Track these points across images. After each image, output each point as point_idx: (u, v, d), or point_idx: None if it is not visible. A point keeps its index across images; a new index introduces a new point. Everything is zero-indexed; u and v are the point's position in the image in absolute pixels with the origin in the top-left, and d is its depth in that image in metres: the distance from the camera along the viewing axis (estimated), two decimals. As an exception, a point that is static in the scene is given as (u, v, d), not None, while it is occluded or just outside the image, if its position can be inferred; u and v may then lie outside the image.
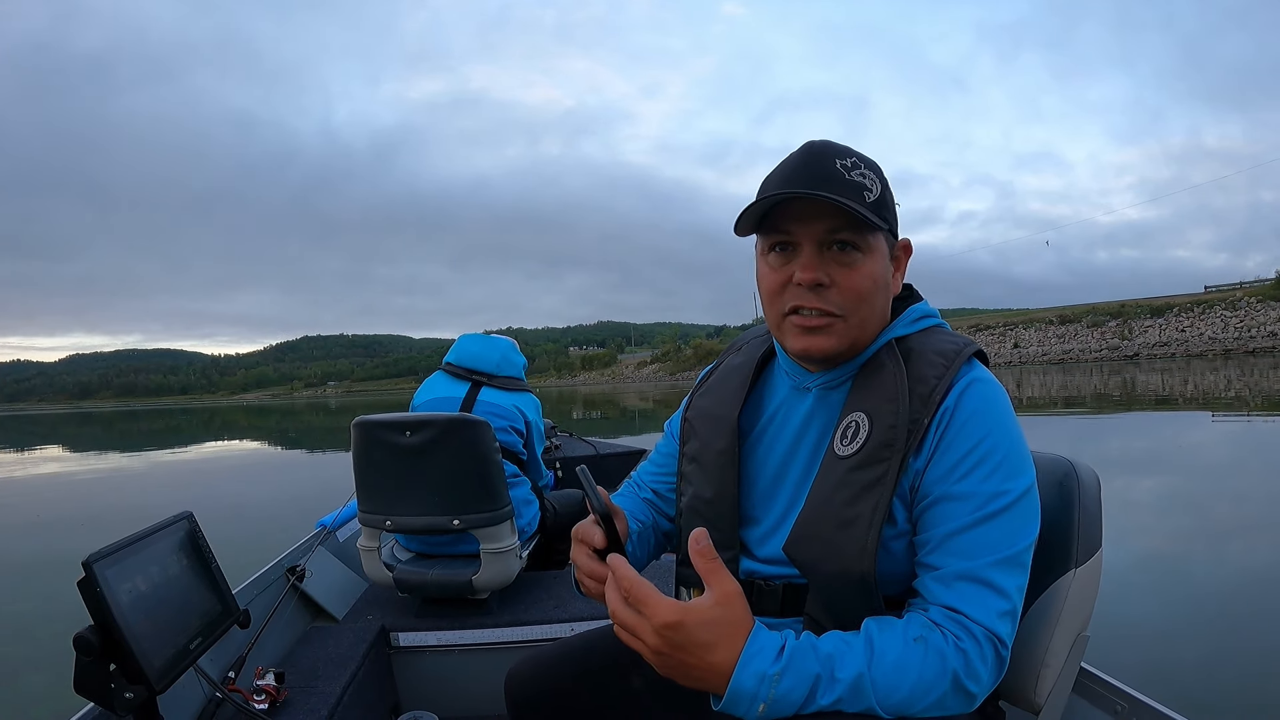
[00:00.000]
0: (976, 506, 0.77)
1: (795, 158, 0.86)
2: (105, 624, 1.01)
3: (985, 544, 0.76)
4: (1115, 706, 1.12)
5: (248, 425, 32.72)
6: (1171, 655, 2.76)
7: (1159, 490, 5.92)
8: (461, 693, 1.92)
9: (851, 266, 0.84)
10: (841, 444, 0.84)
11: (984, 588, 0.75)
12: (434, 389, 2.23)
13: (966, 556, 0.76)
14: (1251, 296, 43.68)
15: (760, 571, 0.91)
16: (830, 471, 0.84)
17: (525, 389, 2.32)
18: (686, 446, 1.03)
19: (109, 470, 13.43)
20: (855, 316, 0.85)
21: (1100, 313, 50.54)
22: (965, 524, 0.77)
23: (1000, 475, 0.78)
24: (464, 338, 2.31)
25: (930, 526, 0.79)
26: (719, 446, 0.96)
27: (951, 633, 0.74)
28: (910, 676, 0.71)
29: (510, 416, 2.17)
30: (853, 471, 0.81)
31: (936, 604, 0.76)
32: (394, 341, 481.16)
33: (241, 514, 6.79)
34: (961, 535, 0.77)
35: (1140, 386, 19.27)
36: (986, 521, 0.76)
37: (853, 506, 0.80)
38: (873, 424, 0.82)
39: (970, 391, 0.81)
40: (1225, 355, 32.55)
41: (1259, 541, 4.34)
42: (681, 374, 78.28)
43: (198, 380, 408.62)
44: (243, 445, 19.12)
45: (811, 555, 0.82)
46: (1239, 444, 8.68)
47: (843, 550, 0.79)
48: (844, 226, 0.83)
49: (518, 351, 2.34)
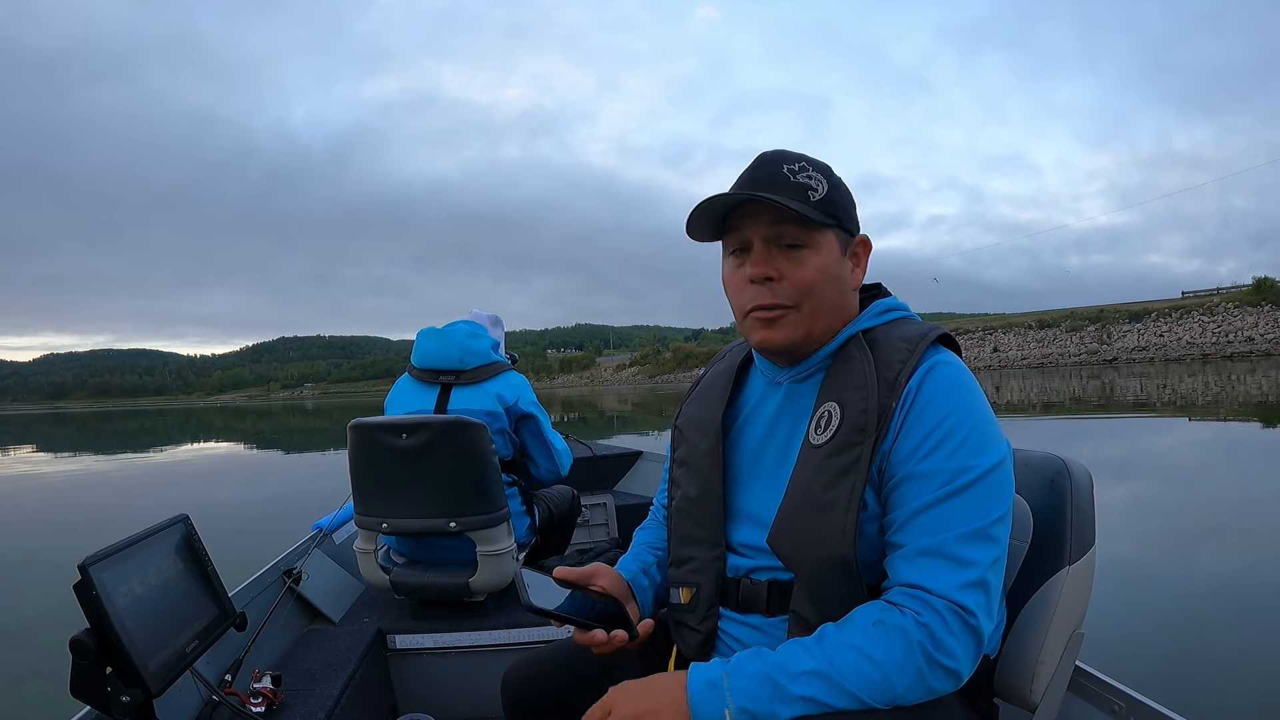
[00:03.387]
0: (941, 484, 0.78)
1: (749, 166, 0.92)
2: (102, 627, 1.00)
3: (949, 519, 0.77)
4: (1113, 705, 1.12)
5: (231, 428, 32.33)
6: (1156, 654, 2.80)
7: (1140, 492, 6.01)
8: (458, 694, 1.91)
9: (799, 261, 0.88)
10: (816, 433, 0.87)
11: (946, 561, 0.76)
12: (401, 402, 2.09)
13: (930, 533, 0.77)
14: (1229, 302, 44.43)
15: (745, 567, 0.93)
16: (807, 461, 0.87)
17: (500, 370, 2.09)
18: (677, 453, 1.06)
19: (102, 472, 13.25)
20: (806, 307, 0.89)
21: (1079, 317, 51.18)
22: (929, 501, 0.78)
23: (965, 452, 0.79)
24: (421, 334, 2.12)
25: (896, 507, 0.81)
26: (704, 447, 1.00)
27: (910, 609, 0.75)
28: (877, 658, 0.73)
29: (488, 416, 1.99)
30: (828, 458, 0.84)
31: (899, 583, 0.78)
32: (370, 343, 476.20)
33: (237, 517, 6.72)
34: (925, 513, 0.78)
35: (1119, 391, 19.53)
36: (951, 498, 0.78)
37: (830, 492, 0.82)
38: (844, 412, 0.84)
39: (933, 374, 0.84)
40: (1203, 360, 33.08)
41: (1243, 543, 4.42)
42: (661, 377, 77.93)
43: (173, 381, 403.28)
44: (234, 447, 18.95)
45: (794, 544, 0.85)
46: (1215, 447, 8.84)
47: (823, 536, 0.81)
48: (789, 224, 0.88)
49: (480, 331, 2.12)
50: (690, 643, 0.96)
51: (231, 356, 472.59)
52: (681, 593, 0.98)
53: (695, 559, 0.97)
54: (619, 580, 1.01)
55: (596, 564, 1.01)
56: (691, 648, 0.96)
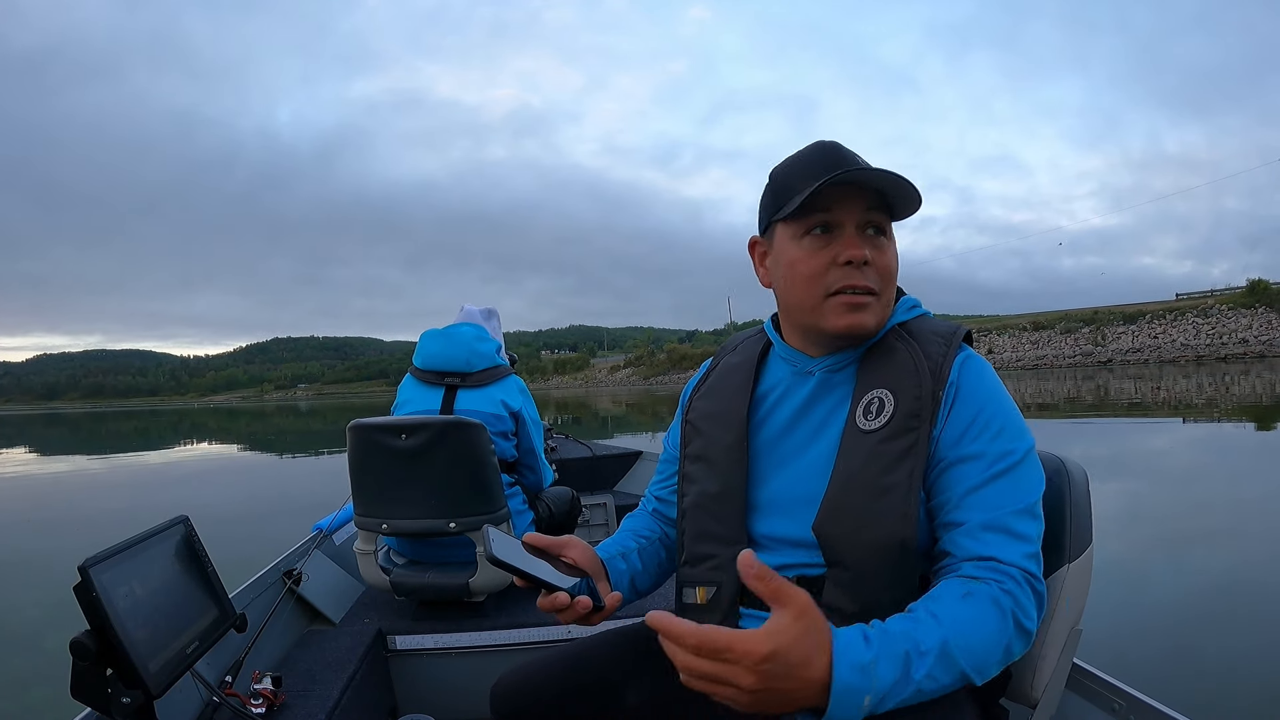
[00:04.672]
0: (989, 464, 0.82)
1: (822, 149, 0.89)
2: (102, 628, 0.99)
3: (1003, 497, 0.81)
4: (1113, 705, 1.13)
5: (226, 429, 32.20)
6: (1149, 652, 2.81)
7: (1134, 492, 6.03)
8: (458, 695, 1.91)
9: (883, 249, 0.89)
10: (865, 419, 0.86)
11: (1009, 535, 0.79)
12: (407, 402, 2.11)
13: (988, 509, 0.80)
14: (1223, 304, 44.62)
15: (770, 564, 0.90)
16: (857, 446, 0.86)
17: (505, 375, 2.13)
18: (689, 448, 1.03)
19: (98, 473, 13.21)
20: (885, 295, 0.90)
21: (1073, 319, 51.33)
22: (982, 480, 0.82)
23: (1005, 437, 0.83)
24: (425, 336, 2.14)
25: (949, 487, 0.83)
26: (727, 441, 0.97)
27: (993, 579, 0.77)
28: (979, 629, 0.73)
29: (493, 419, 2.04)
30: (884, 443, 0.84)
31: (967, 558, 0.79)
32: (364, 344, 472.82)
33: (237, 518, 6.70)
34: (980, 491, 0.81)
35: (1114, 392, 19.60)
36: (1000, 477, 0.81)
37: (889, 475, 0.82)
38: (897, 399, 0.85)
39: (968, 365, 0.88)
40: (1197, 361, 33.20)
41: (1236, 542, 4.43)
42: (655, 378, 77.36)
43: (167, 382, 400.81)
44: (232, 448, 18.88)
45: (846, 528, 0.84)
46: (1209, 448, 8.87)
47: (881, 518, 0.81)
48: (878, 210, 0.88)
49: (486, 335, 2.16)
50: None
51: (225, 357, 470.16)
52: (698, 592, 0.95)
53: (715, 556, 0.95)
54: (591, 555, 0.96)
55: (569, 536, 0.95)
56: None
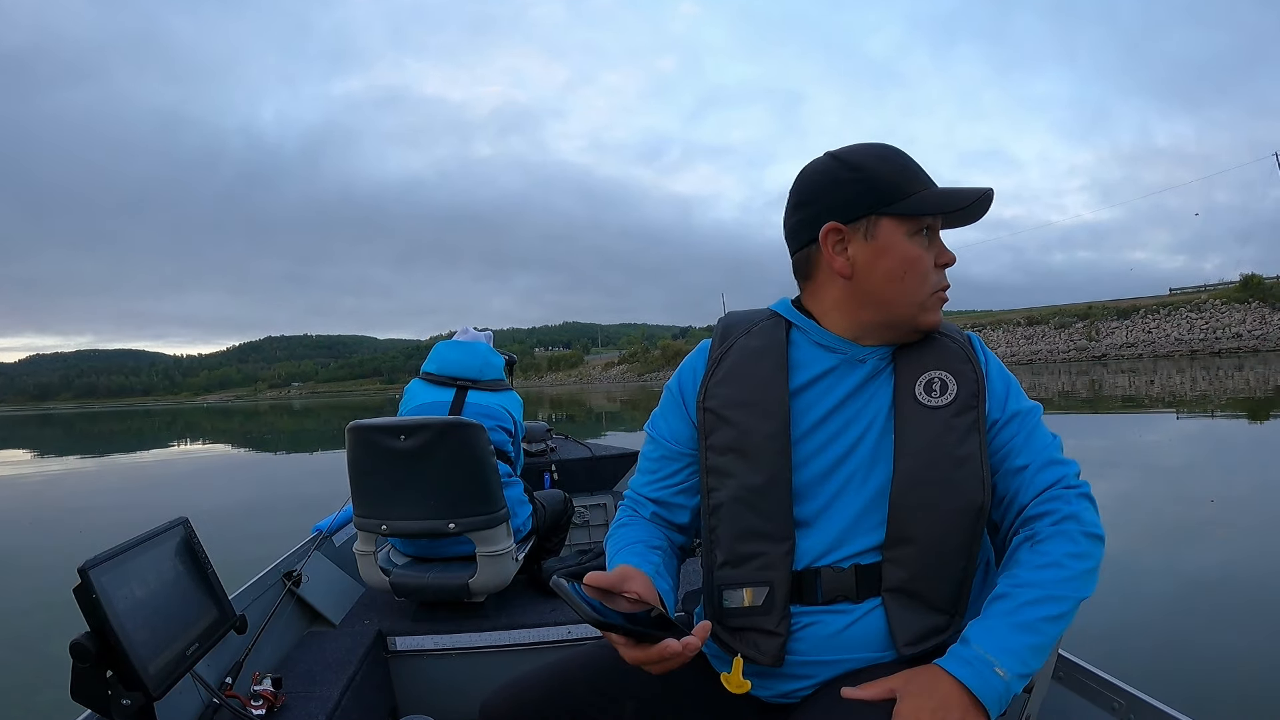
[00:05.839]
0: (1028, 417, 0.95)
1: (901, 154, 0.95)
2: (102, 630, 0.99)
3: (1044, 440, 0.95)
4: (1113, 703, 1.14)
5: (224, 429, 32.08)
6: (1143, 647, 2.83)
7: (1127, 486, 6.05)
8: (458, 696, 1.91)
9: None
10: (929, 397, 0.93)
11: (1059, 465, 0.93)
12: (419, 395, 2.20)
13: (1041, 451, 0.93)
14: (1216, 299, 44.73)
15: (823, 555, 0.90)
16: (925, 422, 0.92)
17: (508, 388, 2.31)
18: (714, 439, 0.96)
19: (94, 474, 13.17)
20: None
21: (1067, 314, 51.47)
22: (1030, 429, 0.94)
23: (1025, 399, 0.97)
24: (441, 345, 2.28)
25: (1009, 439, 0.94)
26: (767, 429, 0.92)
27: (1053, 507, 0.89)
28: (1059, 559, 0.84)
29: (499, 416, 2.16)
30: (954, 417, 0.92)
31: (1039, 490, 0.91)
32: (358, 342, 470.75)
33: (236, 519, 6.68)
34: (1032, 436, 0.94)
35: (1108, 387, 19.68)
36: (1038, 427, 0.95)
37: (964, 446, 0.90)
38: (958, 380, 0.94)
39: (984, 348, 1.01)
40: (1191, 356, 33.34)
41: (1230, 537, 4.46)
42: (649, 375, 77.16)
43: (160, 381, 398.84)
44: (231, 449, 18.81)
45: (925, 498, 0.89)
46: (1203, 442, 8.92)
47: (962, 486, 0.89)
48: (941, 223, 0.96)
49: (495, 353, 2.33)
50: (767, 649, 0.89)
51: (218, 356, 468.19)
52: (745, 594, 0.91)
53: (763, 555, 0.91)
54: (650, 585, 0.87)
55: (624, 567, 0.88)
56: (769, 653, 0.89)
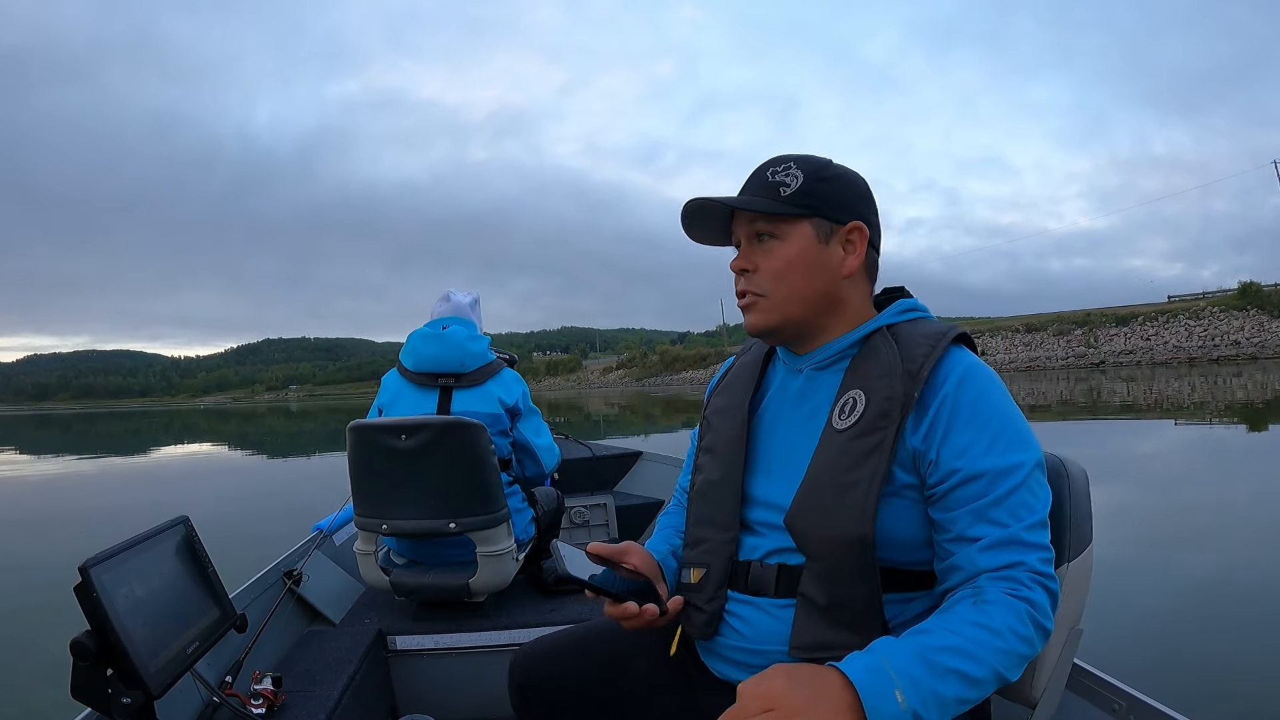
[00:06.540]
0: (999, 478, 0.84)
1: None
2: (102, 629, 0.99)
3: (1016, 511, 0.83)
4: (1114, 705, 1.13)
5: (222, 431, 32.03)
6: (1144, 652, 2.83)
7: (1127, 493, 6.06)
8: (459, 695, 1.91)
9: (770, 253, 0.97)
10: (839, 419, 0.91)
11: (1022, 546, 0.82)
12: (401, 397, 2.08)
13: (1003, 524, 0.82)
14: (1215, 306, 44.71)
15: (760, 549, 0.96)
16: (829, 444, 0.91)
17: (496, 370, 2.12)
18: (703, 440, 1.11)
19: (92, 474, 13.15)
20: (777, 294, 0.96)
21: (1066, 321, 51.48)
22: (995, 496, 0.83)
23: (1014, 450, 0.85)
24: (416, 337, 2.11)
25: (960, 504, 0.85)
26: (730, 434, 1.04)
27: (1004, 585, 0.80)
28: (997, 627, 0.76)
29: (491, 419, 2.02)
30: (851, 441, 0.88)
31: (984, 570, 0.82)
32: (356, 345, 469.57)
33: (236, 519, 6.67)
34: (994, 507, 0.83)
35: (1107, 394, 19.69)
36: (1014, 492, 0.83)
37: (852, 473, 0.87)
38: (869, 399, 0.89)
39: (970, 375, 0.88)
40: (1190, 363, 33.36)
41: (1229, 543, 4.46)
42: (648, 379, 76.94)
43: (158, 382, 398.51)
44: (229, 449, 18.76)
45: (811, 523, 0.89)
46: (1202, 449, 8.92)
47: (841, 514, 0.86)
48: (760, 220, 0.97)
49: (476, 331, 2.15)
50: (696, 622, 0.99)
51: (216, 358, 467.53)
52: (692, 573, 1.02)
53: (708, 540, 1.01)
54: (650, 559, 1.03)
55: (629, 542, 1.03)
56: (697, 626, 0.99)
